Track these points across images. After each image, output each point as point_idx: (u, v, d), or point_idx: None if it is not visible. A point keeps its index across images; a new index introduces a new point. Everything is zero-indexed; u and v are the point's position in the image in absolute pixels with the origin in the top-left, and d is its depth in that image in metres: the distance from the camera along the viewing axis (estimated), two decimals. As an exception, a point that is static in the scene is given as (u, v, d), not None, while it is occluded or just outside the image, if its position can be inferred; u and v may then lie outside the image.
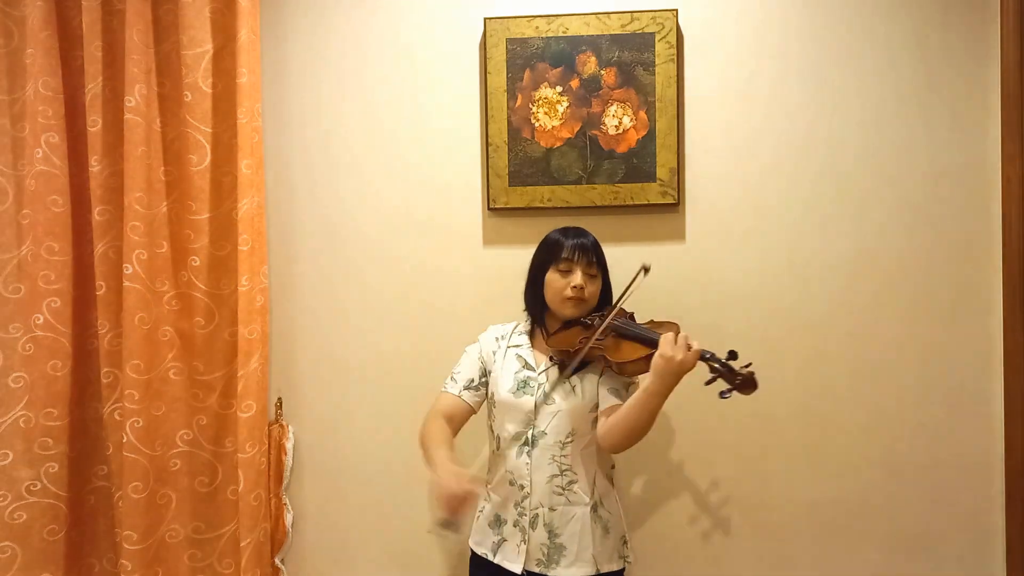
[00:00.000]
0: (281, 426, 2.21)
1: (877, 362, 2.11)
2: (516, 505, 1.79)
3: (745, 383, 1.60)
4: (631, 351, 1.71)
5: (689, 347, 1.59)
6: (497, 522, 1.82)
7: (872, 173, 2.10)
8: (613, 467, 1.90)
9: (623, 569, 1.84)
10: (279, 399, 2.23)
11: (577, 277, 1.79)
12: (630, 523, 2.01)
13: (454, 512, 1.60)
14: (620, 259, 1.89)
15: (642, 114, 2.09)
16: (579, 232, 1.84)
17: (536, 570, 1.76)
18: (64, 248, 2.07)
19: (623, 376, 1.77)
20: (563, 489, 1.77)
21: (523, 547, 1.76)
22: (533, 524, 1.77)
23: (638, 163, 2.09)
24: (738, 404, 2.09)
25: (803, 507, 2.13)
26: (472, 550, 1.88)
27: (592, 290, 1.81)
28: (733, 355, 1.63)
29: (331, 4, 2.20)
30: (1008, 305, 2.06)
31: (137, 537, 2.05)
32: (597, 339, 1.72)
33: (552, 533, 1.76)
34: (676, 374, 1.59)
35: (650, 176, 2.10)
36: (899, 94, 2.09)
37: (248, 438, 2.08)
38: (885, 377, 2.11)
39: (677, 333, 1.66)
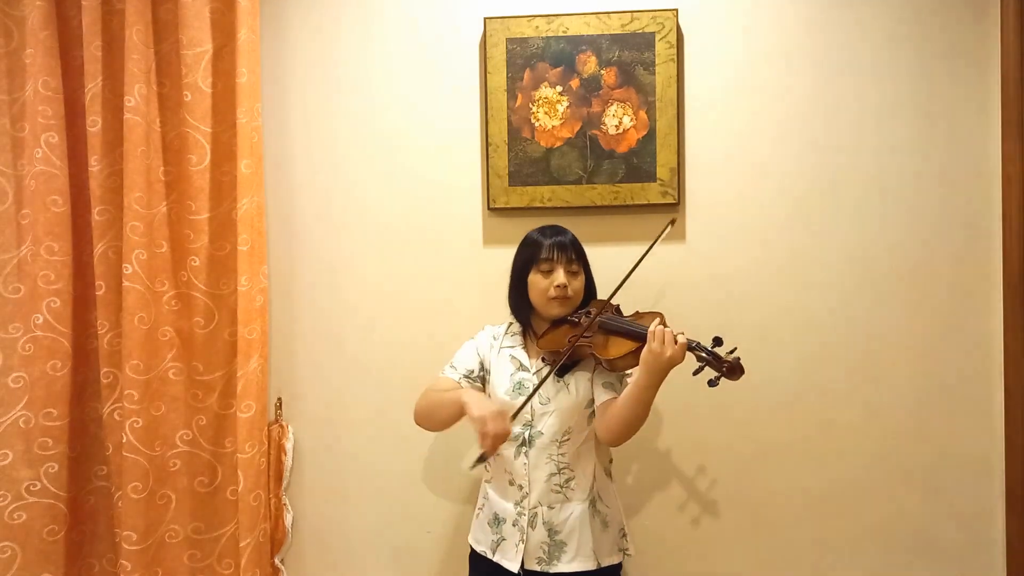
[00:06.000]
0: (281, 426, 2.21)
1: (877, 362, 2.11)
2: (515, 504, 1.79)
3: (732, 369, 1.61)
4: (619, 347, 1.72)
5: (675, 340, 1.60)
6: (496, 521, 1.83)
7: (872, 173, 2.10)
8: (611, 461, 1.90)
9: (621, 562, 1.85)
10: (279, 399, 2.23)
11: (559, 276, 1.79)
12: (628, 517, 2.01)
13: (493, 448, 1.63)
14: (621, 259, 1.89)
15: (642, 114, 2.09)
16: (556, 230, 1.85)
17: (537, 568, 1.76)
18: (64, 248, 2.06)
19: (614, 372, 1.77)
20: (561, 487, 1.78)
21: (521, 546, 1.77)
22: (532, 523, 1.77)
23: (638, 163, 2.09)
24: (738, 404, 2.11)
25: (802, 507, 2.13)
26: (471, 547, 1.89)
27: (576, 287, 1.82)
28: (718, 341, 1.65)
29: (331, 4, 2.20)
30: (1008, 305, 2.06)
31: (137, 537, 2.05)
32: (585, 336, 1.73)
33: (552, 531, 1.77)
34: (665, 368, 1.61)
35: (650, 176, 2.09)
36: (899, 94, 2.09)
37: (248, 438, 2.08)
38: (885, 377, 2.11)
39: (663, 323, 1.66)
